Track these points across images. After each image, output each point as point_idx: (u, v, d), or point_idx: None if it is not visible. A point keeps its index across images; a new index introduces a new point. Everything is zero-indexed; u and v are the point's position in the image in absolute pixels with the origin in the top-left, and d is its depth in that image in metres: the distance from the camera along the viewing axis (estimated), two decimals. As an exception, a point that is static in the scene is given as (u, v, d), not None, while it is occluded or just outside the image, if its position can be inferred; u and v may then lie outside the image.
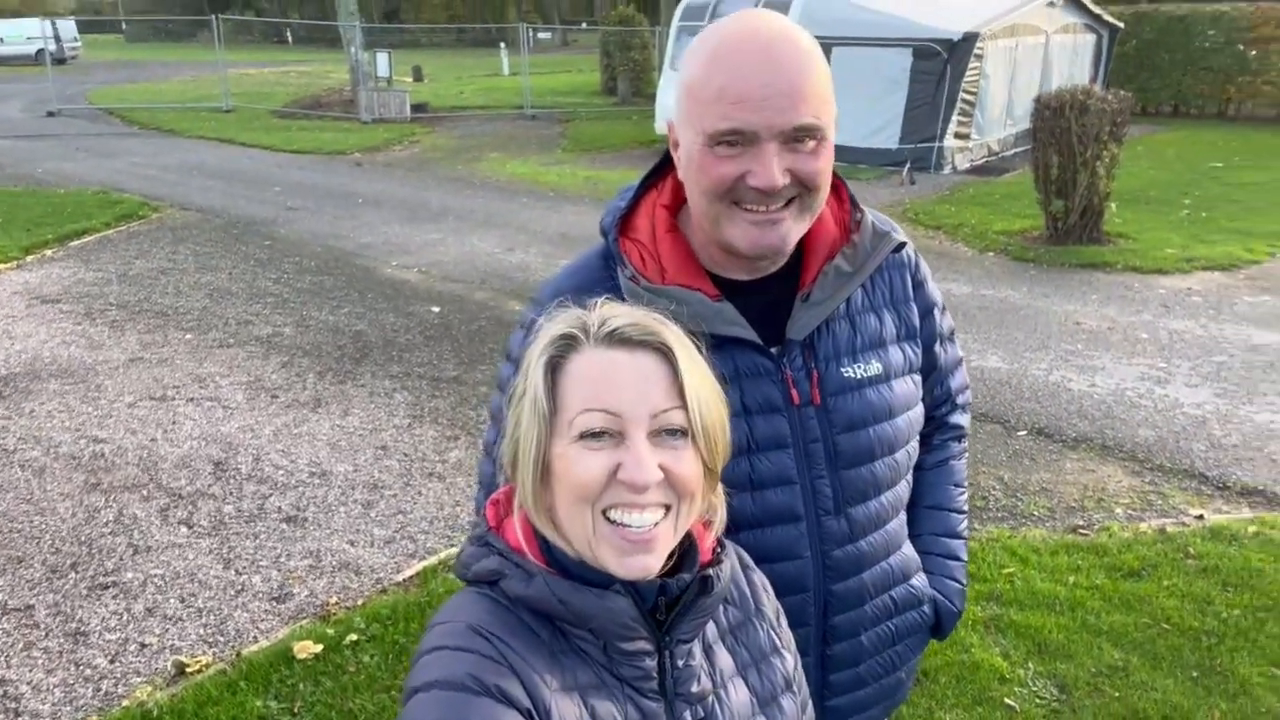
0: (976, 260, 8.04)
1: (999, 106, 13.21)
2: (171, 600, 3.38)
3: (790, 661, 1.07)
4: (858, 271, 1.21)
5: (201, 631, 3.21)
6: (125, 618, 3.28)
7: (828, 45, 12.64)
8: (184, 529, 3.85)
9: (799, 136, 1.06)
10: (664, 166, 1.25)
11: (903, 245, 1.27)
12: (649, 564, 0.88)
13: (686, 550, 0.96)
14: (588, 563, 0.91)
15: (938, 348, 1.34)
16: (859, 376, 1.21)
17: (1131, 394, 5.13)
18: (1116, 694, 2.76)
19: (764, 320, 1.16)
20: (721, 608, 1.02)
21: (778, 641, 1.06)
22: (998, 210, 9.51)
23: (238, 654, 3.07)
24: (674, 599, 0.93)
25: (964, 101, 12.16)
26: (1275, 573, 3.33)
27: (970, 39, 11.85)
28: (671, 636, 0.93)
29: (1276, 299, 6.76)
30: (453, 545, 3.74)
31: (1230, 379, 5.30)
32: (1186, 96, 17.23)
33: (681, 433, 0.89)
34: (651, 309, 0.95)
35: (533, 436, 0.90)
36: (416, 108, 19.08)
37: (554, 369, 0.91)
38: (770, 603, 1.08)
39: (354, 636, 3.11)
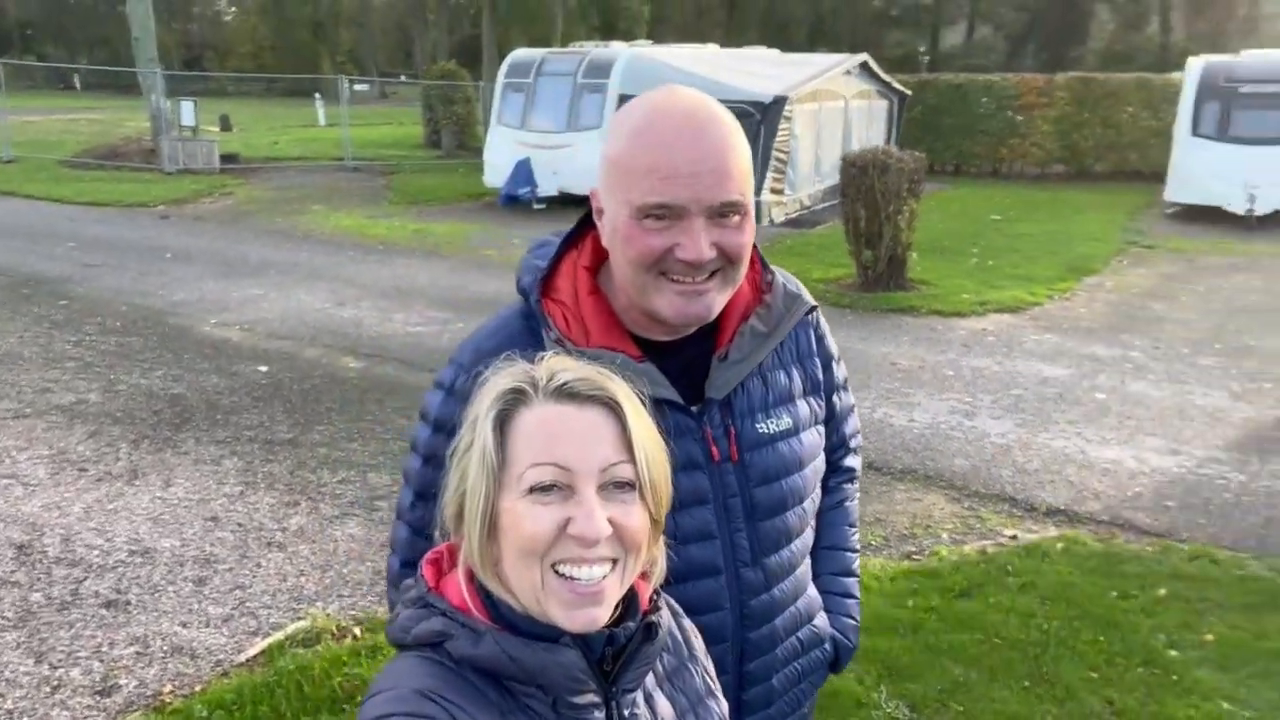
0: (799, 307, 8.50)
1: (808, 164, 14.15)
2: (-28, 705, 3.00)
3: (724, 703, 1.10)
4: (773, 333, 1.26)
5: (12, 737, 2.87)
6: (-85, 730, 2.88)
7: (650, 104, 13.15)
8: (-17, 623, 3.44)
9: (725, 212, 1.11)
10: (582, 226, 1.27)
11: (814, 309, 1.33)
12: (597, 616, 0.90)
13: (628, 600, 0.98)
14: (535, 617, 0.91)
15: (835, 397, 1.41)
16: (772, 431, 1.26)
17: (945, 427, 5.57)
18: (961, 708, 2.96)
19: (682, 379, 1.20)
20: (659, 655, 1.04)
21: (711, 685, 1.09)
22: (814, 260, 10.13)
23: (58, 758, 2.77)
24: (619, 649, 0.95)
25: (777, 159, 12.95)
26: (1084, 584, 3.70)
27: (780, 101, 12.68)
28: (618, 687, 0.94)
29: (1058, 337, 7.55)
30: (300, 619, 3.53)
31: (1027, 410, 5.86)
32: (966, 157, 19.05)
33: (630, 486, 0.91)
34: (596, 364, 0.97)
35: (481, 490, 0.90)
36: (226, 158, 18.17)
37: (502, 423, 0.91)
38: (700, 646, 1.11)
39: (195, 726, 2.87)
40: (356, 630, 3.46)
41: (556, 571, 0.89)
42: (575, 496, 0.89)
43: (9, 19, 53.74)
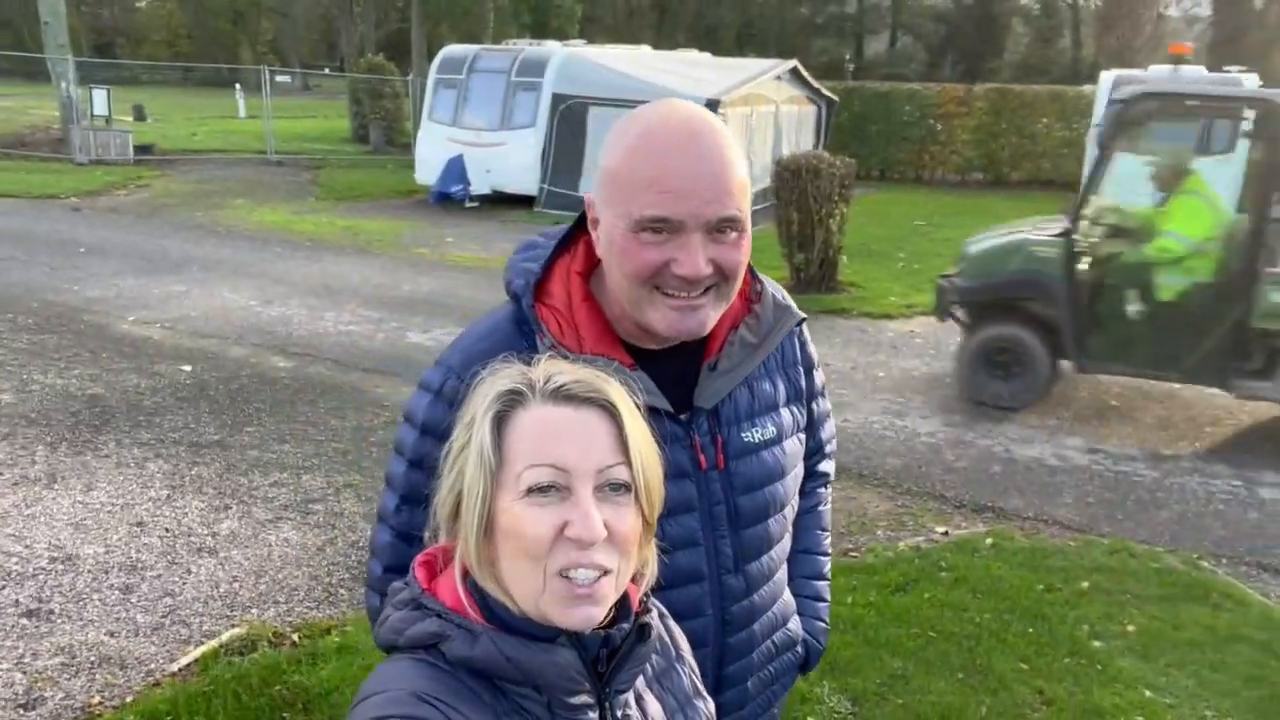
0: (733, 309, 8.61)
1: (740, 167, 14.31)
2: (-118, 724, 2.84)
3: (711, 705, 1.12)
4: (762, 344, 1.27)
5: (-72, 756, 2.72)
6: None
7: (584, 104, 13.16)
8: (-109, 637, 3.25)
9: (722, 228, 1.11)
10: (575, 229, 1.26)
11: (802, 320, 1.35)
12: (594, 614, 0.90)
13: (620, 602, 0.98)
14: (531, 617, 0.91)
15: (814, 404, 1.43)
16: (757, 440, 1.27)
17: (878, 426, 5.71)
18: (900, 701, 3.04)
19: (671, 387, 1.20)
20: None
21: (699, 685, 1.11)
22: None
23: (-20, 777, 2.64)
24: (613, 650, 0.95)
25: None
26: (1013, 578, 3.84)
27: (713, 104, 12.79)
28: (611, 688, 0.95)
29: (981, 339, 7.80)
30: (234, 626, 3.44)
31: (953, 410, 6.05)
32: (891, 163, 19.52)
33: (625, 488, 0.92)
34: (592, 366, 0.98)
35: (478, 490, 0.90)
36: (141, 149, 17.53)
37: (499, 424, 0.91)
38: (687, 648, 1.13)
39: (128, 738, 2.77)
40: (295, 637, 3.38)
41: (556, 574, 0.90)
42: (572, 498, 0.89)
43: (-99, -3, 50.72)
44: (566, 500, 0.89)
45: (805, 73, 16.32)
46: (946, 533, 4.37)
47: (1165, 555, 4.12)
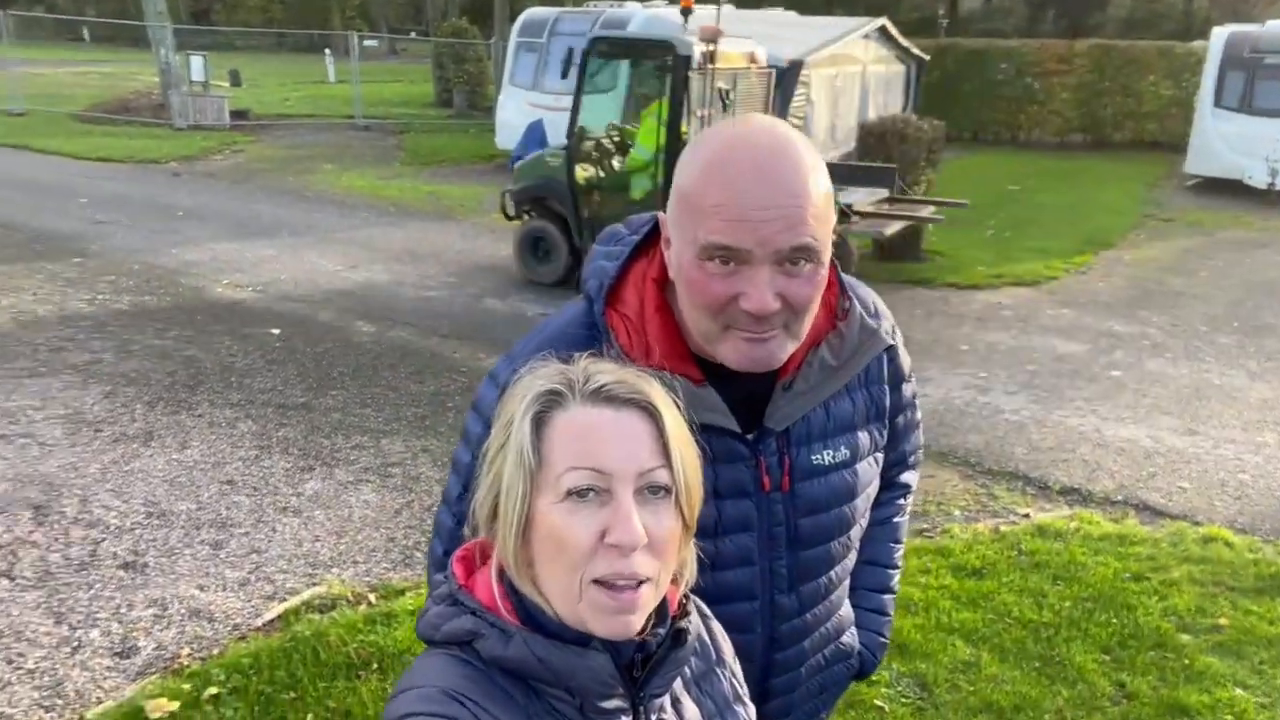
0: (813, 277, 8.45)
1: (824, 130, 13.96)
2: (-6, 665, 3.04)
3: (753, 710, 1.10)
4: (842, 368, 1.20)
5: (35, 695, 2.91)
6: (-61, 689, 2.92)
7: (664, 66, 13.00)
8: (4, 582, 3.47)
9: (794, 258, 1.04)
10: (655, 233, 1.19)
11: (890, 348, 1.26)
12: (632, 623, 0.89)
13: (658, 605, 0.97)
14: (567, 622, 0.90)
15: (900, 418, 1.35)
16: (828, 463, 1.21)
17: (959, 402, 5.55)
18: (972, 688, 2.97)
19: (742, 404, 1.15)
20: None
21: (739, 690, 1.09)
22: (828, 229, 10.03)
23: (81, 717, 2.81)
24: (648, 654, 0.94)
25: (792, 124, 12.77)
26: (1096, 565, 3.70)
27: (796, 66, 12.46)
28: (645, 692, 0.94)
29: (1075, 312, 7.50)
30: (315, 584, 3.57)
31: (1042, 386, 5.83)
32: (984, 124, 18.79)
33: (665, 490, 0.90)
34: (635, 366, 0.96)
35: (517, 492, 0.89)
36: (237, 114, 18.06)
37: (539, 424, 0.90)
38: (728, 650, 1.11)
39: (213, 690, 2.91)
40: (371, 597, 3.49)
41: (594, 582, 0.88)
42: (612, 502, 0.88)
43: (17, -32, 53.04)
44: (606, 504, 0.88)
45: (894, 31, 15.75)
46: (1028, 515, 4.23)
47: (1264, 546, 3.91)
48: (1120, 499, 4.41)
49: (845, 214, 7.45)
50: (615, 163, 7.48)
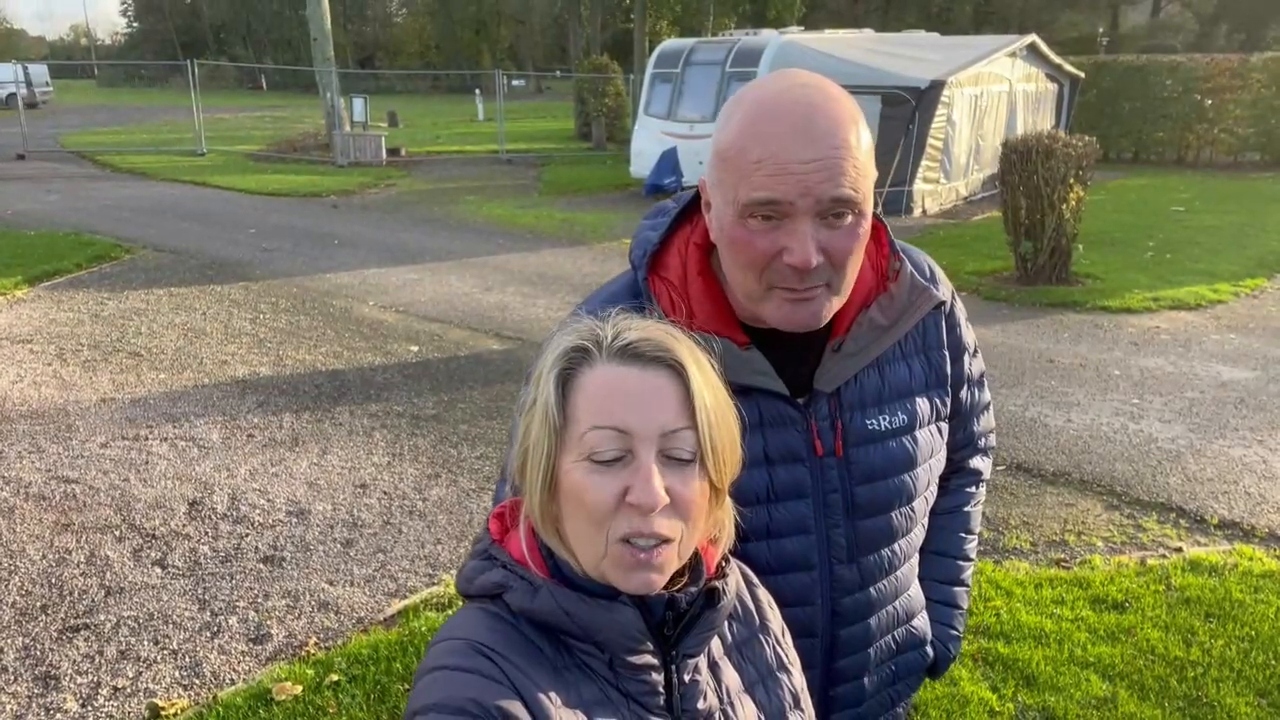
0: (950, 300, 8.14)
1: (965, 152, 13.52)
2: (145, 642, 3.28)
3: (798, 678, 1.06)
4: (893, 326, 1.17)
5: (176, 674, 3.12)
6: (97, 660, 3.18)
7: (799, 92, 12.93)
8: (158, 570, 3.76)
9: (836, 210, 1.02)
10: (697, 200, 1.19)
11: (941, 304, 1.23)
12: (653, 580, 0.88)
13: (693, 565, 0.95)
14: (593, 576, 0.90)
15: (964, 392, 1.31)
16: (883, 428, 1.17)
17: (1106, 429, 5.20)
18: (1106, 725, 2.75)
19: (790, 367, 1.13)
20: (727, 624, 1.02)
21: (785, 658, 1.05)
22: (968, 251, 9.67)
23: (214, 697, 2.99)
24: (681, 613, 0.93)
25: (931, 147, 12.43)
26: (1255, 604, 3.36)
27: (937, 86, 12.16)
28: (678, 651, 0.92)
29: (1242, 337, 6.91)
30: (434, 584, 3.68)
31: (1202, 415, 5.39)
32: (1146, 144, 17.72)
33: (690, 451, 0.88)
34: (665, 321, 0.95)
35: (542, 448, 0.89)
36: (392, 152, 19.18)
37: (565, 381, 0.90)
38: (776, 619, 1.07)
39: (335, 677, 3.04)
40: (486, 599, 3.56)
41: (616, 540, 0.88)
42: (635, 462, 0.87)
43: (203, 23, 58.53)
44: (629, 465, 0.87)
45: (1045, 48, 15.12)
46: (1180, 549, 3.90)
47: None
48: (1290, 535, 4.01)
49: None
50: None
